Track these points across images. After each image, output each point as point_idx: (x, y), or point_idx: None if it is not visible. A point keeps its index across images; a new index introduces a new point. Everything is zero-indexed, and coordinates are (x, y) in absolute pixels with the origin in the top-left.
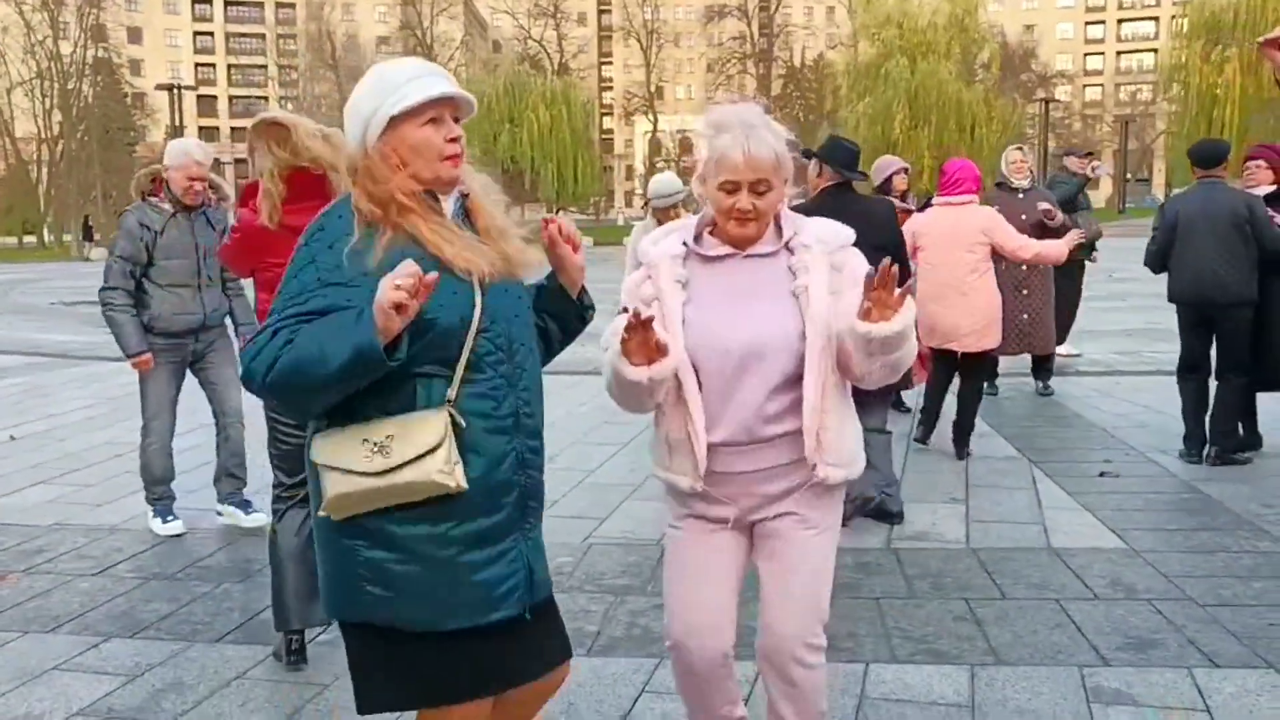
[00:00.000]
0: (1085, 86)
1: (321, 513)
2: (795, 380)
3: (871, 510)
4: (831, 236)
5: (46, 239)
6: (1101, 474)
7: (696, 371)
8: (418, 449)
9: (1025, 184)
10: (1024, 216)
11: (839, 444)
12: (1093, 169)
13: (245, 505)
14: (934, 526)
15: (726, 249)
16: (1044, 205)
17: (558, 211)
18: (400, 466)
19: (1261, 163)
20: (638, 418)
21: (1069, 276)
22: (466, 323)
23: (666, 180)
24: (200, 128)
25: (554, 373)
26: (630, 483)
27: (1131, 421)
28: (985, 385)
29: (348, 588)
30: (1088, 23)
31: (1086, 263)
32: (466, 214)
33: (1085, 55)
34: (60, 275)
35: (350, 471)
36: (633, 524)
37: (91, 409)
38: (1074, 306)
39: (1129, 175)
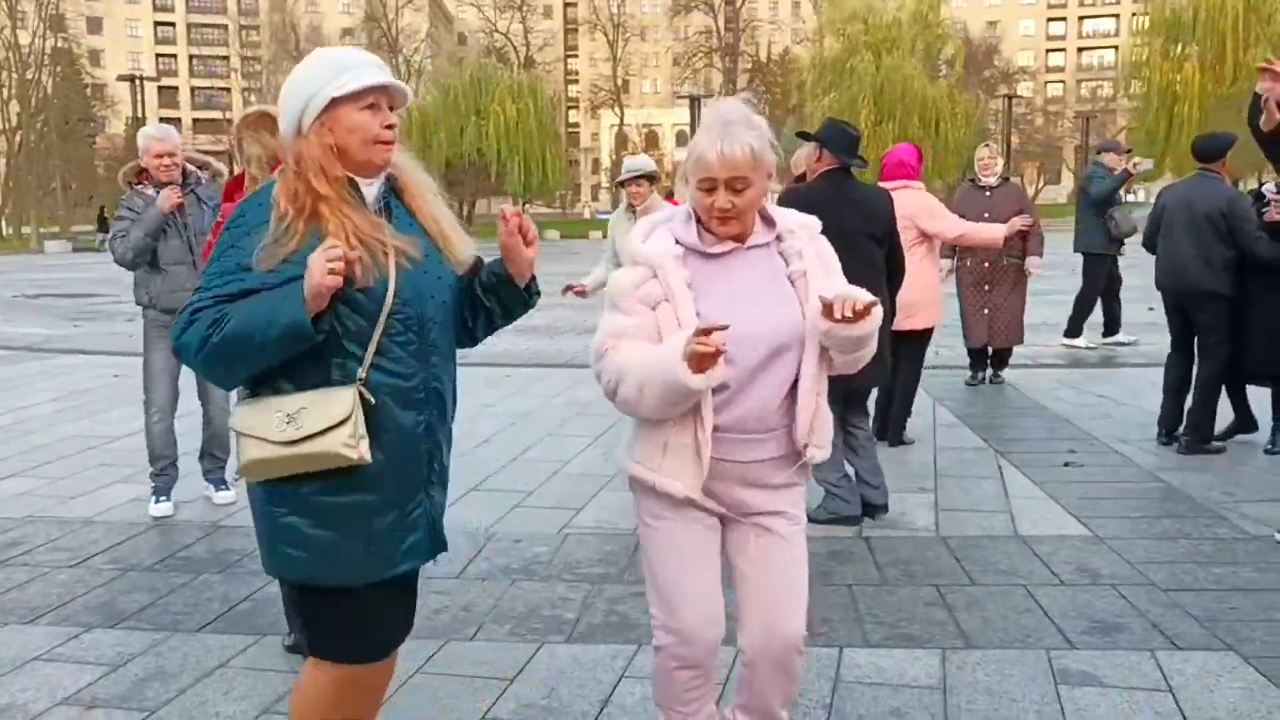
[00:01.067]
0: (1047, 83)
1: (234, 476)
2: (798, 368)
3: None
4: (808, 221)
5: (4, 231)
6: (1066, 464)
7: None
8: (325, 422)
9: (993, 181)
10: (986, 215)
11: (822, 426)
12: (1134, 165)
13: (220, 484)
14: (904, 515)
15: (728, 245)
16: (1024, 219)
17: (524, 205)
18: (309, 438)
19: None
20: (607, 409)
21: (1097, 272)
22: (379, 303)
23: (640, 158)
24: (161, 118)
25: (526, 365)
26: (604, 473)
27: (1095, 412)
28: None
29: (271, 548)
30: (1049, 19)
31: (1118, 256)
32: (396, 194)
33: (1047, 52)
34: (20, 268)
35: (264, 440)
36: (608, 514)
37: (59, 402)
38: (1115, 297)
39: None
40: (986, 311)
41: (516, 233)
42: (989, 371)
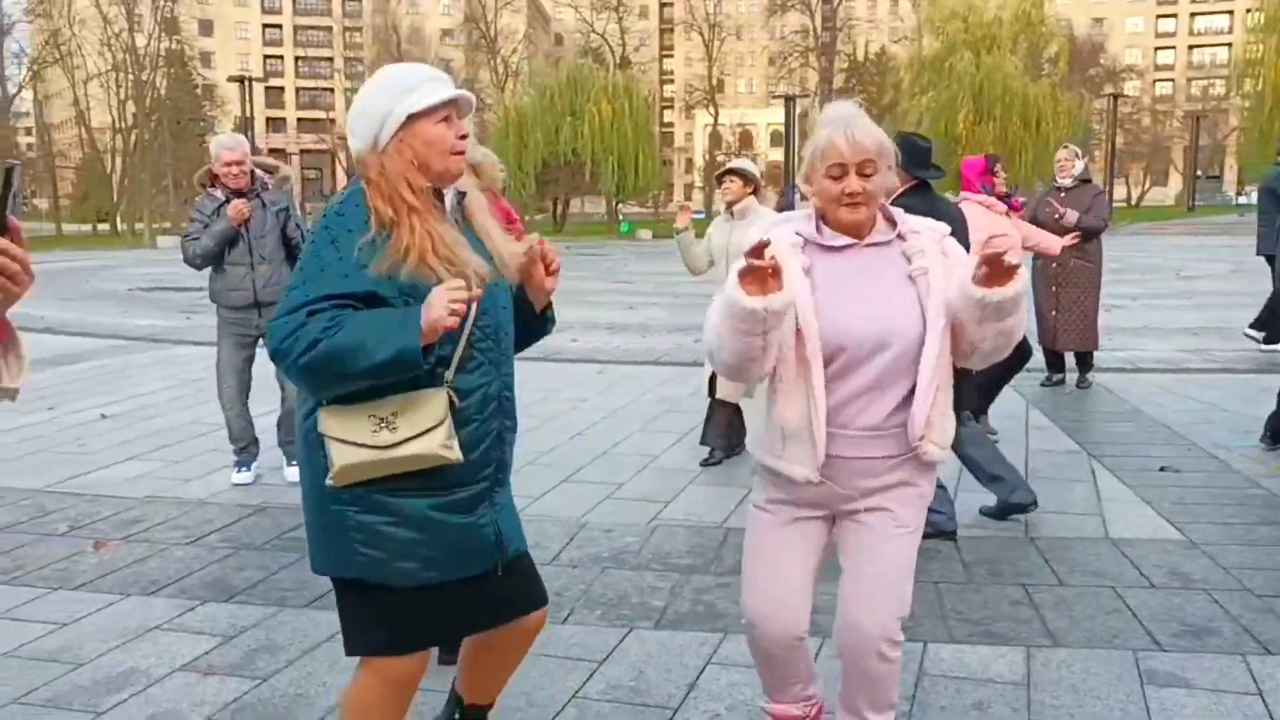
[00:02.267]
0: (1155, 82)
1: (329, 482)
2: (916, 366)
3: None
4: (933, 224)
5: (120, 227)
6: (1162, 469)
7: (825, 361)
8: (422, 425)
9: (1068, 183)
10: (1057, 217)
11: (942, 424)
12: None
13: (293, 459)
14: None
15: (847, 239)
16: (1071, 238)
17: (618, 205)
18: (406, 440)
19: None
20: (697, 406)
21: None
22: (469, 311)
23: (747, 162)
24: (268, 119)
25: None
26: (693, 469)
27: (1195, 418)
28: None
29: (340, 548)
30: (1159, 16)
31: None
32: (462, 211)
33: (1156, 49)
34: (135, 263)
35: (358, 444)
36: (696, 508)
37: (175, 389)
38: None
39: (1199, 172)
40: (1054, 313)
41: (538, 259)
42: (1071, 375)
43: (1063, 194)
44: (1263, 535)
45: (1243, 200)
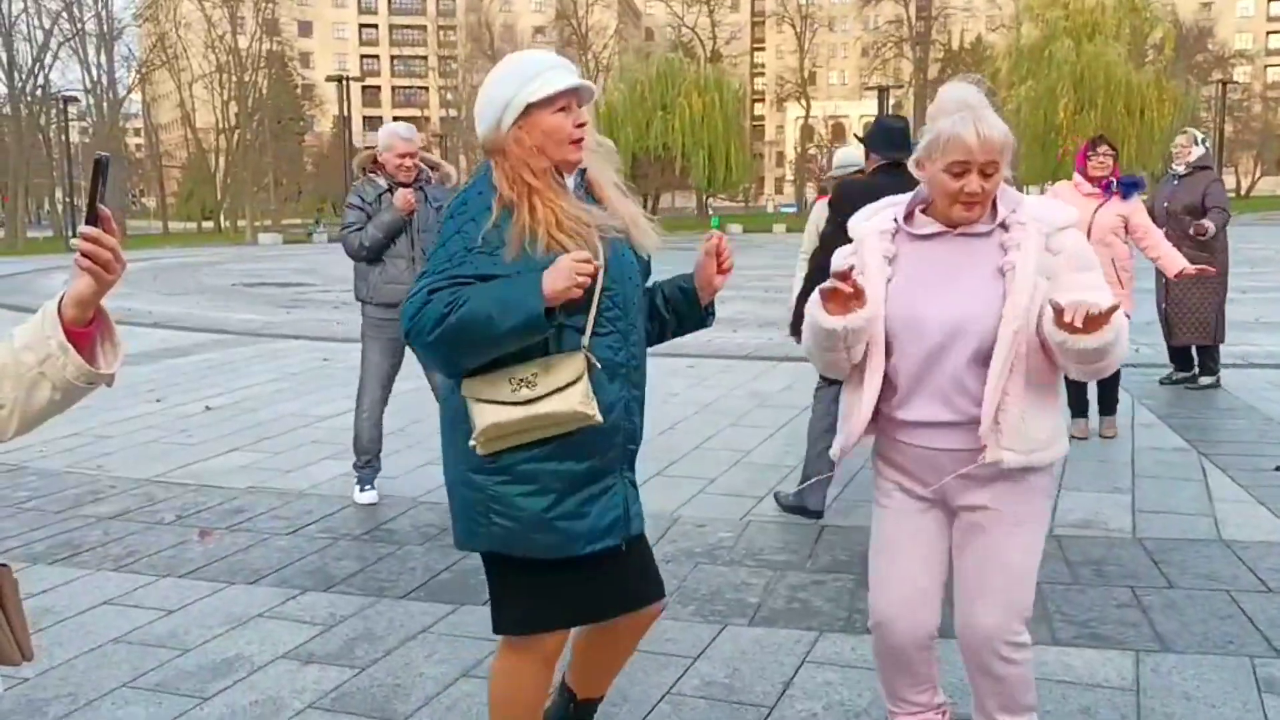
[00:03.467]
0: (1267, 67)
1: (473, 444)
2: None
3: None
4: (1050, 216)
5: (223, 224)
6: (1277, 468)
7: (892, 349)
8: (562, 381)
9: (1181, 169)
10: (1167, 204)
11: (1021, 428)
12: None
13: None
14: (1098, 515)
15: (938, 226)
16: (1206, 224)
17: (708, 199)
18: (546, 396)
19: None
20: (788, 402)
21: None
22: (594, 281)
23: (850, 152)
24: (364, 117)
25: (709, 356)
26: (785, 465)
27: None
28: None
29: (480, 521)
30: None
31: None
32: (587, 189)
33: (1267, 34)
34: (236, 259)
35: (500, 403)
36: None
37: (277, 383)
38: None
39: None
40: (1164, 306)
41: (714, 253)
42: (1185, 372)
43: (1176, 181)
44: None
45: None
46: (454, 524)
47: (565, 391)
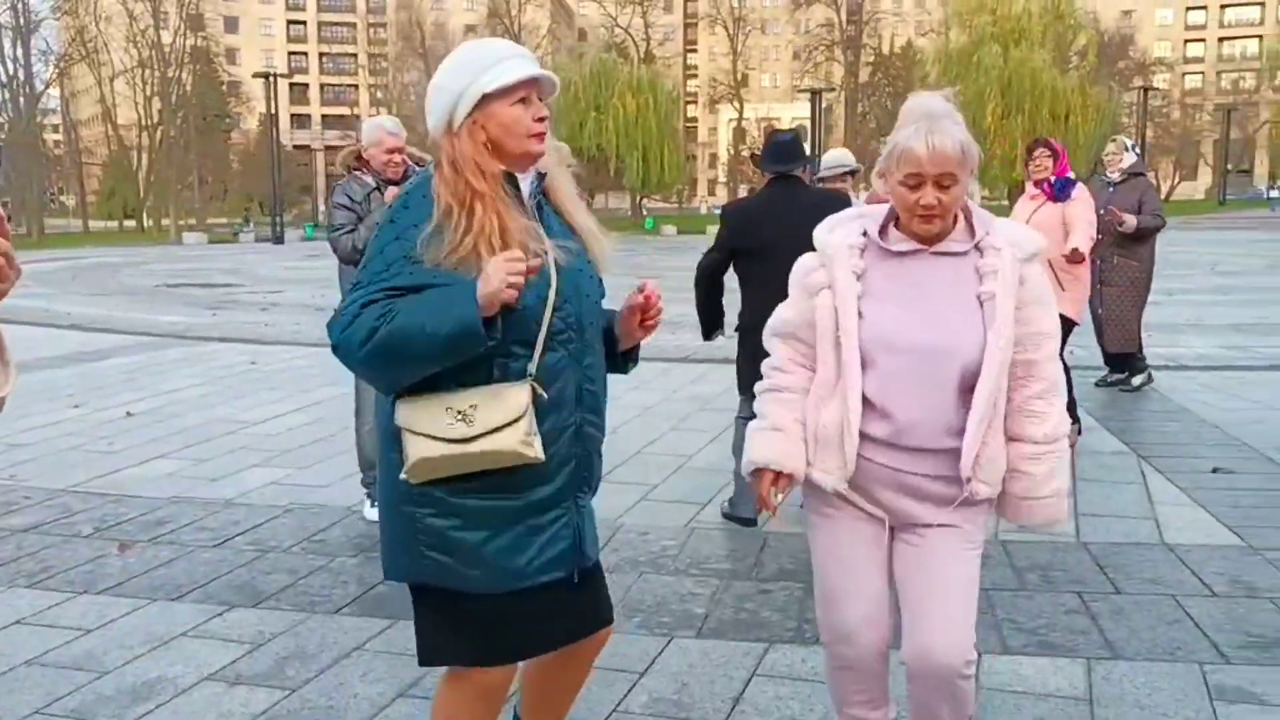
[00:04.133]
0: (1185, 74)
1: (403, 475)
2: (968, 391)
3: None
4: (1024, 241)
5: (145, 223)
6: (1215, 470)
7: (867, 369)
8: (501, 419)
9: (1115, 177)
10: (1102, 211)
11: (995, 460)
12: None
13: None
14: None
15: (913, 244)
16: (1124, 216)
17: (642, 200)
18: (482, 435)
19: None
20: (731, 404)
21: None
22: (543, 301)
23: (841, 153)
24: (293, 115)
25: (649, 359)
26: (728, 469)
27: (1245, 417)
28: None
29: (410, 552)
30: (1189, 8)
31: None
32: (545, 194)
33: (1186, 42)
34: (161, 259)
35: (434, 437)
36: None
37: (202, 387)
38: None
39: (1230, 166)
40: (1100, 311)
41: (638, 307)
42: (1120, 374)
43: (1111, 189)
44: None
45: (1274, 194)
46: (381, 551)
47: (503, 431)
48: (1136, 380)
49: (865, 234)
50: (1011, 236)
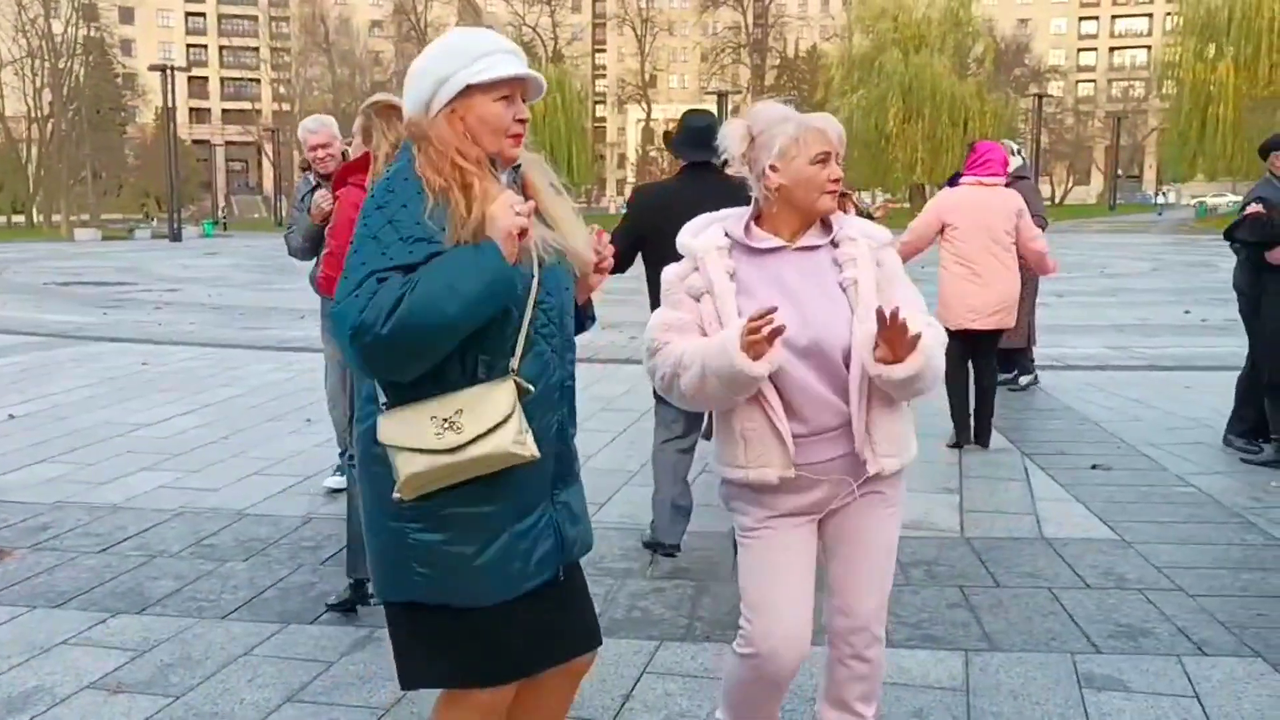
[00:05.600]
0: (1078, 82)
1: (396, 495)
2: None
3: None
4: (876, 233)
5: (35, 219)
6: (1094, 466)
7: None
8: (490, 422)
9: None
10: None
11: (890, 430)
12: None
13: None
14: (928, 515)
15: (777, 241)
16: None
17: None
18: (474, 440)
19: None
20: (632, 404)
21: None
22: (526, 293)
23: None
24: (191, 109)
25: None
26: (627, 469)
27: (1123, 415)
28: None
29: (397, 569)
30: (1081, 18)
31: None
32: (521, 189)
33: (1079, 51)
34: (51, 256)
35: (422, 450)
36: (632, 509)
37: (91, 389)
38: None
39: (1120, 172)
40: None
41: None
42: (1007, 374)
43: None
44: (1193, 534)
45: (1161, 200)
46: (371, 571)
47: (495, 433)
48: (1024, 380)
49: (728, 234)
50: (864, 229)
